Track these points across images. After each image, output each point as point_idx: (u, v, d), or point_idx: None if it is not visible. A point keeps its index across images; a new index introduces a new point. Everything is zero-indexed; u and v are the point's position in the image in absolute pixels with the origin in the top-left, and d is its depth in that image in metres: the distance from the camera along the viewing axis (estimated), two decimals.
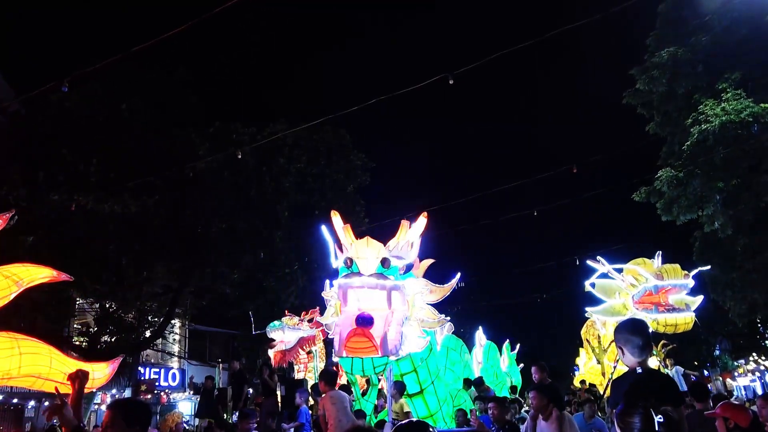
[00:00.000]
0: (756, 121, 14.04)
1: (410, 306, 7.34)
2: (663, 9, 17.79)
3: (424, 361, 8.25)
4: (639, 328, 3.51)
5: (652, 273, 13.13)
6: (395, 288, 6.88)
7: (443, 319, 7.90)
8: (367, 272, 6.74)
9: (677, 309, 13.00)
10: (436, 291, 7.75)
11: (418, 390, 8.38)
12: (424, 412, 8.48)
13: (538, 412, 5.63)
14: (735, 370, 32.34)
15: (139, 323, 16.69)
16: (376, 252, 6.94)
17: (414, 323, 7.41)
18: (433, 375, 8.56)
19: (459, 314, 29.89)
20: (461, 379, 10.86)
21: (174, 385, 23.46)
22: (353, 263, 6.90)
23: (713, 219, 15.93)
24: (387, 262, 6.82)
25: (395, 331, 6.85)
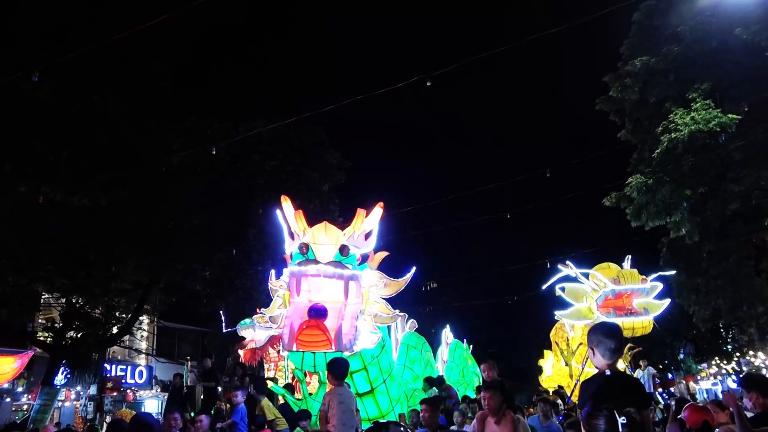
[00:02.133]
0: (723, 131, 14.38)
1: (364, 299, 6.99)
2: (637, 18, 18.13)
3: (375, 359, 7.82)
4: (614, 331, 3.57)
5: (610, 278, 13.53)
6: (353, 278, 6.52)
7: (397, 315, 7.56)
8: (325, 260, 6.34)
9: (635, 313, 13.40)
10: (391, 285, 7.40)
11: (368, 389, 7.92)
12: (374, 413, 8.02)
13: (491, 412, 4.96)
14: (698, 373, 33.11)
15: (106, 319, 16.37)
16: (334, 238, 6.57)
17: (367, 318, 7.02)
18: (385, 373, 8.13)
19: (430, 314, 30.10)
20: (421, 378, 10.55)
21: (141, 382, 23.11)
22: (309, 249, 6.48)
23: (680, 225, 16.29)
24: (346, 250, 6.47)
25: (350, 324, 6.49)
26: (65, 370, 16.04)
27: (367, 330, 6.99)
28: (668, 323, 24.36)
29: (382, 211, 7.46)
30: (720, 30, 14.64)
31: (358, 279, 6.68)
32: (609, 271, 13.82)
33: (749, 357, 24.48)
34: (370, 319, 7.04)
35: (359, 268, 6.91)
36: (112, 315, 16.71)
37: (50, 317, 17.20)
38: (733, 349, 26.52)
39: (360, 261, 6.93)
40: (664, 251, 19.66)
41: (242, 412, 8.40)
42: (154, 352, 24.26)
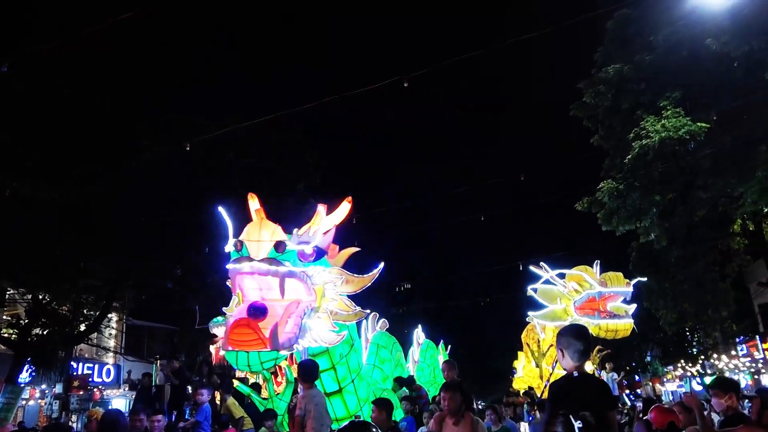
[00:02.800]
0: (692, 138, 14.69)
1: (319, 296, 6.80)
2: (611, 26, 18.43)
3: (344, 358, 7.77)
4: (582, 333, 3.62)
5: (597, 280, 13.66)
6: (291, 275, 6.27)
7: (360, 312, 7.31)
8: (258, 256, 6.12)
9: (618, 315, 13.57)
10: (354, 281, 7.20)
11: (336, 389, 7.85)
12: (342, 413, 7.94)
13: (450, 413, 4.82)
14: (664, 375, 33.79)
15: (73, 316, 16.06)
16: (269, 234, 6.35)
17: (323, 315, 6.82)
18: (353, 373, 8.04)
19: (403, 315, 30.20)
20: (391, 378, 10.47)
21: (108, 381, 22.71)
22: (243, 246, 6.30)
23: (649, 230, 16.61)
24: (281, 246, 6.20)
25: (292, 323, 6.29)
26: (30, 367, 15.70)
27: (323, 328, 6.81)
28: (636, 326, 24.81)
29: (351, 206, 7.33)
30: (691, 40, 14.95)
31: (298, 275, 6.45)
32: (591, 273, 13.98)
33: (713, 360, 25.07)
34: (326, 316, 6.83)
35: (307, 265, 6.70)
36: (80, 312, 16.40)
37: (15, 313, 16.80)
38: (698, 352, 27.12)
39: (313, 257, 6.73)
40: (633, 255, 20.02)
41: (206, 411, 8.26)
42: (122, 351, 23.85)
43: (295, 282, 6.51)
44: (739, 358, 23.61)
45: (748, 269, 21.99)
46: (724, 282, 18.77)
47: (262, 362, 6.29)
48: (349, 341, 7.96)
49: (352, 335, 8.15)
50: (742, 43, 12.98)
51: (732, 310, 19.52)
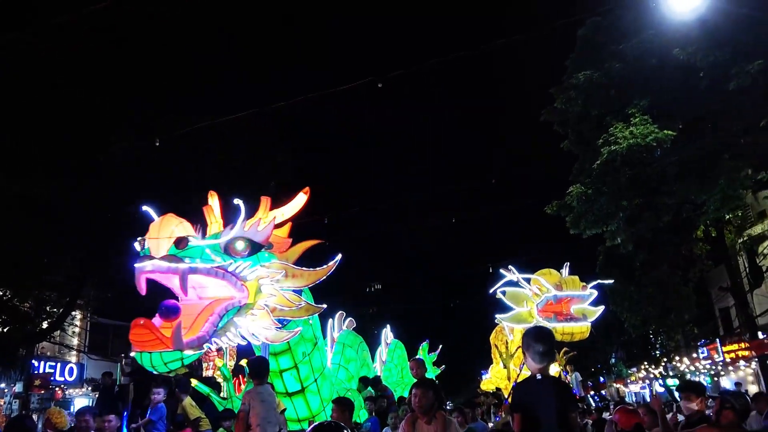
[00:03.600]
0: (659, 145, 15.00)
1: (253, 292, 6.56)
2: (582, 33, 18.72)
3: (307, 356, 7.62)
4: (543, 335, 3.67)
5: (553, 284, 13.97)
6: (193, 271, 6.05)
7: (312, 307, 7.03)
8: (159, 254, 6.00)
9: (575, 319, 13.87)
10: (303, 275, 6.92)
11: (298, 388, 7.70)
12: (305, 413, 7.80)
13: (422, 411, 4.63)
14: (628, 377, 34.45)
15: (35, 313, 15.66)
16: (169, 231, 6.19)
17: (259, 312, 6.56)
18: (316, 372, 7.88)
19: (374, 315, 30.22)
20: (356, 377, 10.36)
21: (71, 380, 22.17)
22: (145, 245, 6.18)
23: (616, 235, 16.91)
24: (183, 242, 6.05)
25: (209, 321, 6.12)
26: None
27: (261, 325, 6.57)
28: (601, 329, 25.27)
29: (307, 197, 7.19)
30: (659, 49, 15.27)
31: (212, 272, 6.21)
32: (551, 276, 14.24)
33: (675, 362, 25.66)
34: (264, 313, 6.55)
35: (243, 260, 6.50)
36: (43, 309, 16.00)
37: None
38: (661, 354, 27.72)
39: (247, 251, 6.50)
40: (600, 259, 20.38)
41: (161, 411, 8.04)
42: (86, 349, 23.32)
43: (210, 279, 6.31)
44: (699, 361, 24.20)
45: (710, 274, 22.57)
46: (686, 287, 19.25)
47: (166, 363, 6.08)
48: (312, 339, 7.82)
49: (315, 333, 8.01)
50: (708, 54, 13.31)
51: (694, 314, 20.06)
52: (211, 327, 6.12)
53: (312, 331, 7.87)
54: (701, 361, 24.12)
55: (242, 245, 6.50)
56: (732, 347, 21.11)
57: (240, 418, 5.74)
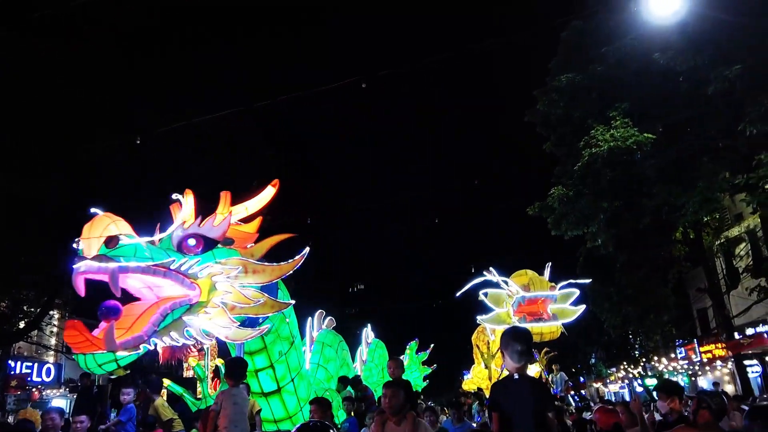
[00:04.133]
0: (639, 148, 15.19)
1: (206, 290, 6.34)
2: (565, 37, 18.89)
3: (283, 356, 7.43)
4: (520, 335, 3.70)
5: (521, 285, 14.20)
6: (124, 270, 5.88)
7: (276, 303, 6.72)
8: (90, 254, 5.88)
9: (544, 319, 14.09)
10: (264, 271, 6.64)
11: (274, 388, 7.49)
12: (281, 413, 7.62)
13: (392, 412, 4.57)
14: (608, 377, 34.82)
15: (12, 312, 15.40)
16: (99, 230, 6.01)
17: (214, 311, 6.34)
18: (293, 372, 7.68)
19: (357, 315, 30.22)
20: (336, 377, 10.21)
21: (48, 380, 21.86)
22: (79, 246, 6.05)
23: (596, 236, 17.08)
24: (113, 241, 5.88)
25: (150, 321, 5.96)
26: None
27: (218, 323, 6.35)
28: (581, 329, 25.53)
29: (276, 190, 6.96)
30: (641, 53, 15.45)
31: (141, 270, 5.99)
32: (522, 278, 14.45)
33: (654, 362, 26.00)
34: (220, 311, 6.33)
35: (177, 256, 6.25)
36: (19, 308, 15.73)
37: None
38: (640, 354, 28.06)
39: (199, 248, 6.31)
40: (581, 260, 20.58)
41: (131, 412, 7.93)
42: (64, 349, 23.01)
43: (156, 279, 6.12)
44: (678, 361, 24.55)
45: (688, 276, 22.90)
46: (665, 288, 19.51)
47: (100, 364, 5.99)
48: (289, 338, 7.65)
49: (292, 332, 7.82)
50: (688, 59, 13.50)
51: (672, 315, 20.32)
52: (151, 327, 5.96)
53: (289, 330, 7.71)
54: (679, 361, 24.48)
55: (193, 242, 6.34)
56: (709, 347, 21.46)
57: (210, 418, 5.64)
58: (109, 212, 6.26)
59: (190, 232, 6.39)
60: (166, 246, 6.32)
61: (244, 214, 6.93)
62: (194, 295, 6.26)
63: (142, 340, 5.92)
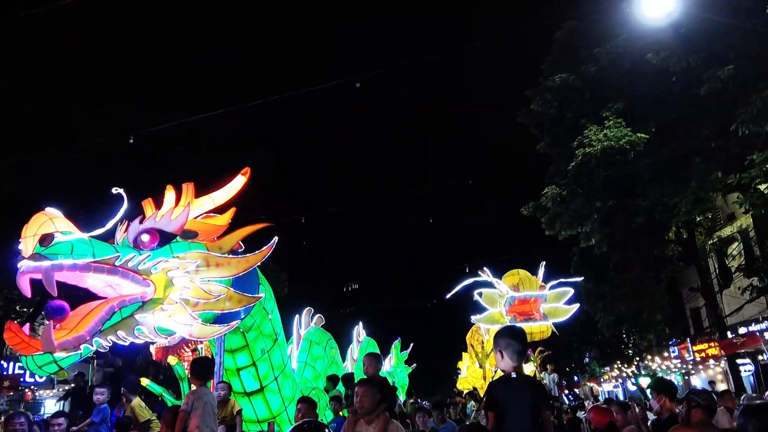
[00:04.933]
0: (632, 148, 15.23)
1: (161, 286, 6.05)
2: (559, 37, 18.93)
3: (266, 353, 7.19)
4: (518, 334, 3.72)
5: (511, 285, 14.24)
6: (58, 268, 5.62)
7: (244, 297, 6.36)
8: (27, 254, 5.67)
9: (534, 318, 14.14)
10: (228, 264, 6.28)
11: (257, 387, 7.26)
12: (265, 413, 7.37)
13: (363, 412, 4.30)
14: (601, 376, 34.94)
15: (5, 313, 15.32)
16: (34, 229, 5.78)
17: (171, 307, 6.05)
18: (277, 370, 7.44)
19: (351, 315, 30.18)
20: (324, 376, 9.97)
21: (41, 381, 21.72)
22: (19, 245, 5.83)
23: (590, 236, 17.13)
24: (47, 239, 5.63)
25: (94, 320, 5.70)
26: None
27: (177, 322, 6.09)
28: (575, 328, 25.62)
29: (246, 179, 6.62)
30: (634, 54, 15.50)
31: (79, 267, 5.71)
32: (513, 277, 14.49)
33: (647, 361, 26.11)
34: (178, 307, 6.03)
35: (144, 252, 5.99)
36: (12, 308, 15.65)
37: None
38: (634, 353, 28.18)
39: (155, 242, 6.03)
40: (575, 260, 20.64)
41: (104, 412, 7.73)
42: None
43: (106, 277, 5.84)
44: (671, 360, 24.66)
45: (681, 275, 23.01)
46: (658, 287, 19.59)
47: (40, 366, 5.79)
48: (272, 335, 7.42)
49: (275, 329, 7.56)
50: (681, 59, 13.55)
51: (665, 314, 20.42)
52: (95, 326, 5.69)
53: (271, 327, 7.45)
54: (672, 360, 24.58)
55: (146, 237, 6.05)
56: (702, 346, 21.56)
57: (179, 419, 5.48)
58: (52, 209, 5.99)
59: (145, 227, 6.12)
60: (125, 244, 6.07)
61: (210, 205, 6.60)
62: (149, 292, 5.98)
63: (83, 340, 5.67)
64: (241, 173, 6.64)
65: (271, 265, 19.82)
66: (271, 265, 19.85)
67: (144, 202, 6.45)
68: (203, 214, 6.55)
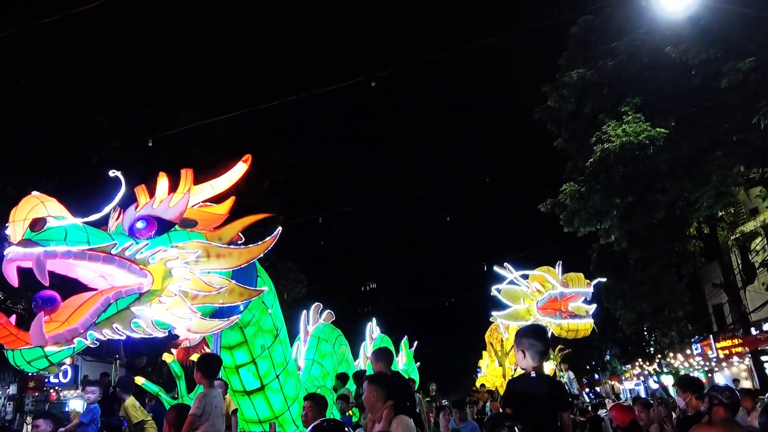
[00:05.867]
0: (652, 143, 15.05)
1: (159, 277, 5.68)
2: (575, 32, 18.76)
3: (266, 350, 6.79)
4: (542, 333, 3.74)
5: (559, 281, 13.96)
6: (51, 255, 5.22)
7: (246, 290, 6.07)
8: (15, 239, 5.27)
9: (578, 315, 13.91)
10: (230, 255, 5.96)
11: (258, 386, 6.86)
12: (266, 413, 7.00)
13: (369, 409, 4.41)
14: (623, 374, 34.62)
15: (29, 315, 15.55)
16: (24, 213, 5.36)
17: (169, 300, 5.70)
18: (278, 367, 7.01)
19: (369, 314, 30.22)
20: (332, 374, 9.54)
21: (65, 381, 22.07)
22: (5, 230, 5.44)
23: (610, 232, 16.95)
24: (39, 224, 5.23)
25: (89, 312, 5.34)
26: None
27: (175, 315, 5.74)
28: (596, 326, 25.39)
29: (248, 166, 6.36)
30: (652, 47, 15.32)
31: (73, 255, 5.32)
32: (553, 274, 14.24)
33: (669, 359, 25.80)
34: (177, 300, 5.69)
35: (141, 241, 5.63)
36: None
37: None
38: (655, 351, 27.87)
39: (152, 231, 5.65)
40: (594, 257, 20.45)
41: (93, 412, 7.44)
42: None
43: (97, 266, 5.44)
44: (693, 357, 24.35)
45: (703, 271, 22.70)
46: (680, 283, 19.36)
47: (29, 361, 5.36)
48: (273, 330, 6.97)
49: (276, 324, 7.10)
50: (700, 52, 13.36)
51: (687, 311, 20.16)
52: (89, 318, 5.30)
53: (272, 322, 7.00)
54: (695, 358, 24.27)
55: (142, 224, 5.66)
56: (725, 343, 21.25)
57: (188, 422, 5.10)
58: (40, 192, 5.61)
59: (142, 214, 5.72)
60: (119, 231, 5.69)
61: (210, 193, 6.27)
62: (146, 283, 5.60)
63: (77, 333, 5.26)
64: (242, 160, 6.32)
65: (289, 265, 19.95)
66: (289, 266, 19.96)
67: (137, 189, 6.03)
68: (201, 202, 6.24)
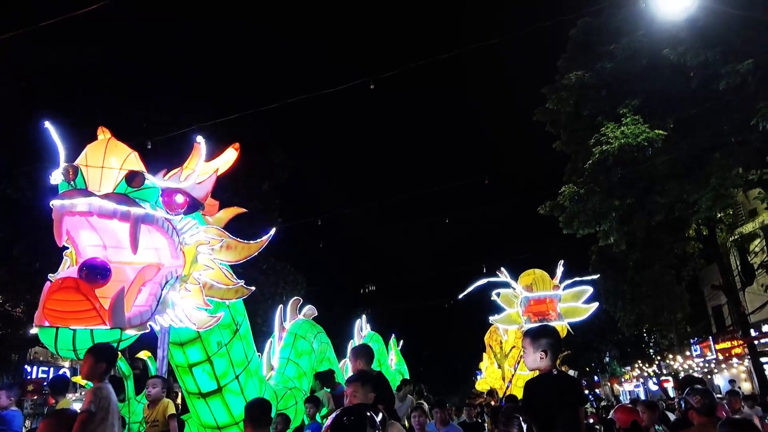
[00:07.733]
0: (650, 145, 15.07)
1: (189, 261, 5.12)
2: (573, 34, 18.81)
3: (223, 347, 6.03)
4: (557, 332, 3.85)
5: (524, 286, 14.08)
6: (148, 219, 4.49)
7: (242, 288, 5.58)
8: (102, 189, 4.31)
9: (548, 319, 13.99)
10: (236, 247, 5.55)
11: (214, 387, 6.07)
12: (225, 418, 6.19)
13: None
14: (622, 376, 34.63)
15: (28, 318, 15.55)
16: (119, 160, 4.46)
17: (193, 288, 5.16)
18: (238, 367, 6.23)
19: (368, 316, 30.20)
20: (310, 375, 8.80)
21: None
22: (79, 175, 4.35)
23: (609, 234, 16.97)
24: (138, 179, 4.40)
25: (147, 292, 4.59)
26: None
27: (192, 304, 5.16)
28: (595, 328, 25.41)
29: (238, 154, 5.88)
30: (650, 49, 15.35)
31: (159, 223, 4.63)
32: (527, 278, 14.32)
33: (668, 360, 25.82)
34: (197, 289, 5.14)
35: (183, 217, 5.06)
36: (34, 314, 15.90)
37: None
38: (655, 353, 27.88)
39: (184, 207, 4.96)
40: (593, 259, 20.46)
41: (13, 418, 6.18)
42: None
43: (155, 235, 4.73)
44: (693, 359, 24.38)
45: (702, 273, 22.72)
46: (679, 285, 19.37)
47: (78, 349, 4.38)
48: (231, 326, 6.16)
49: (235, 318, 6.26)
50: (698, 54, 13.39)
51: (686, 313, 20.18)
52: (154, 300, 4.53)
53: (230, 316, 6.11)
54: (694, 359, 24.29)
55: (181, 198, 4.93)
56: (725, 345, 21.28)
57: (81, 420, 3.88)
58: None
59: (170, 186, 4.97)
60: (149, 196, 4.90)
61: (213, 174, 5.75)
62: (179, 266, 4.96)
63: (147, 317, 4.53)
64: (232, 147, 5.89)
65: (288, 267, 19.94)
66: (288, 267, 19.95)
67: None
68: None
